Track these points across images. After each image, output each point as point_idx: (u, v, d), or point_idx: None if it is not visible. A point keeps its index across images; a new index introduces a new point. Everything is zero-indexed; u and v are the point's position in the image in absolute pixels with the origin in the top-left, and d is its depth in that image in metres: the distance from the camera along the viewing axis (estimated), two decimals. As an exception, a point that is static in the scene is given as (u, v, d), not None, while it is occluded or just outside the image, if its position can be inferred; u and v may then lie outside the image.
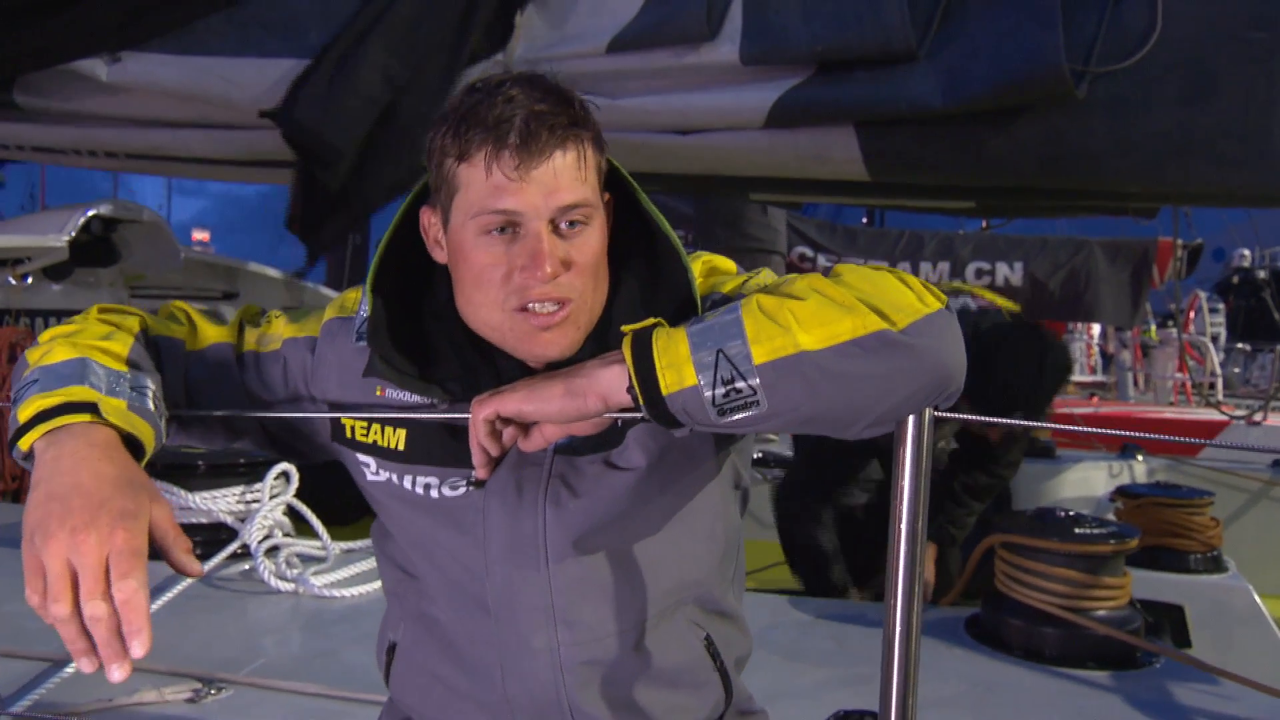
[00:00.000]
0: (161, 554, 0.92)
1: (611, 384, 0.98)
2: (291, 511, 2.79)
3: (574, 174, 1.01)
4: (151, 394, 1.06)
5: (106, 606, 0.84)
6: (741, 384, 0.92)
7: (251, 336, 1.22)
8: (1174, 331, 8.87)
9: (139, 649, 0.84)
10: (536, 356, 1.05)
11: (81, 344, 1.06)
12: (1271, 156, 2.86)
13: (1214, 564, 3.05)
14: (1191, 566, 3.01)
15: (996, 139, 2.99)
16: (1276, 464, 5.07)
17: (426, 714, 1.24)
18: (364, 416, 1.16)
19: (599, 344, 1.08)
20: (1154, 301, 9.17)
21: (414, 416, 1.14)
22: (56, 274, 5.01)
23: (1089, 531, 2.09)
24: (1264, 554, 4.27)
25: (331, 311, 1.20)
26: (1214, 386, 8.74)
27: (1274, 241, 14.16)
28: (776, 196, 4.52)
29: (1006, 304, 3.77)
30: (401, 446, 1.15)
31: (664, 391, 0.94)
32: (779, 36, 3.01)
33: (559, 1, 3.22)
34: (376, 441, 1.16)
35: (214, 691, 1.87)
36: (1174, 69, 2.89)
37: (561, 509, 1.10)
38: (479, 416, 1.02)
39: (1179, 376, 9.02)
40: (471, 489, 1.12)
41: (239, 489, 2.72)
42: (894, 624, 1.01)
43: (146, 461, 1.02)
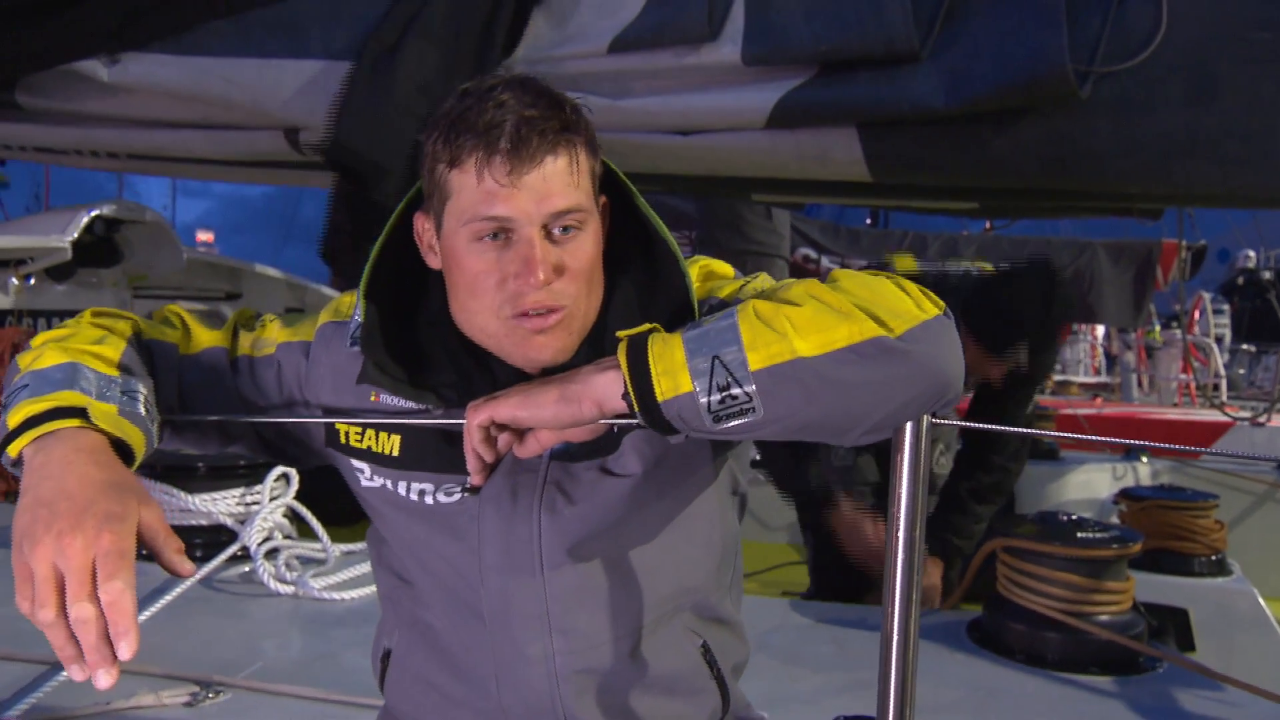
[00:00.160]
0: (153, 555, 0.91)
1: (607, 390, 0.97)
2: (292, 513, 2.79)
3: (566, 179, 1.00)
4: (143, 399, 1.05)
5: (93, 609, 0.83)
6: (737, 390, 0.91)
7: (246, 341, 1.21)
8: (1178, 333, 8.84)
9: (126, 651, 0.83)
10: (530, 360, 1.04)
11: (73, 348, 1.05)
12: (1277, 157, 2.85)
13: (1218, 567, 3.03)
14: (1196, 570, 2.99)
15: (1000, 140, 2.98)
16: None
17: (421, 722, 1.24)
18: (358, 422, 1.15)
19: (595, 349, 1.07)
20: (1158, 303, 9.15)
21: (409, 422, 1.13)
22: (59, 274, 5.01)
23: (1091, 535, 2.08)
24: (1269, 557, 4.25)
25: (326, 316, 1.19)
26: (1218, 388, 8.72)
27: (1278, 243, 14.13)
28: (778, 197, 4.50)
29: None
30: (396, 452, 1.14)
31: (659, 398, 0.93)
32: (781, 37, 3.00)
33: (560, 2, 3.22)
34: (371, 447, 1.15)
35: (212, 695, 1.86)
36: (1179, 69, 2.87)
37: (557, 516, 1.09)
38: (473, 422, 1.01)
39: (1183, 378, 8.99)
40: (466, 495, 1.11)
41: (239, 491, 2.72)
42: (891, 629, 1.00)
43: (137, 466, 1.02)
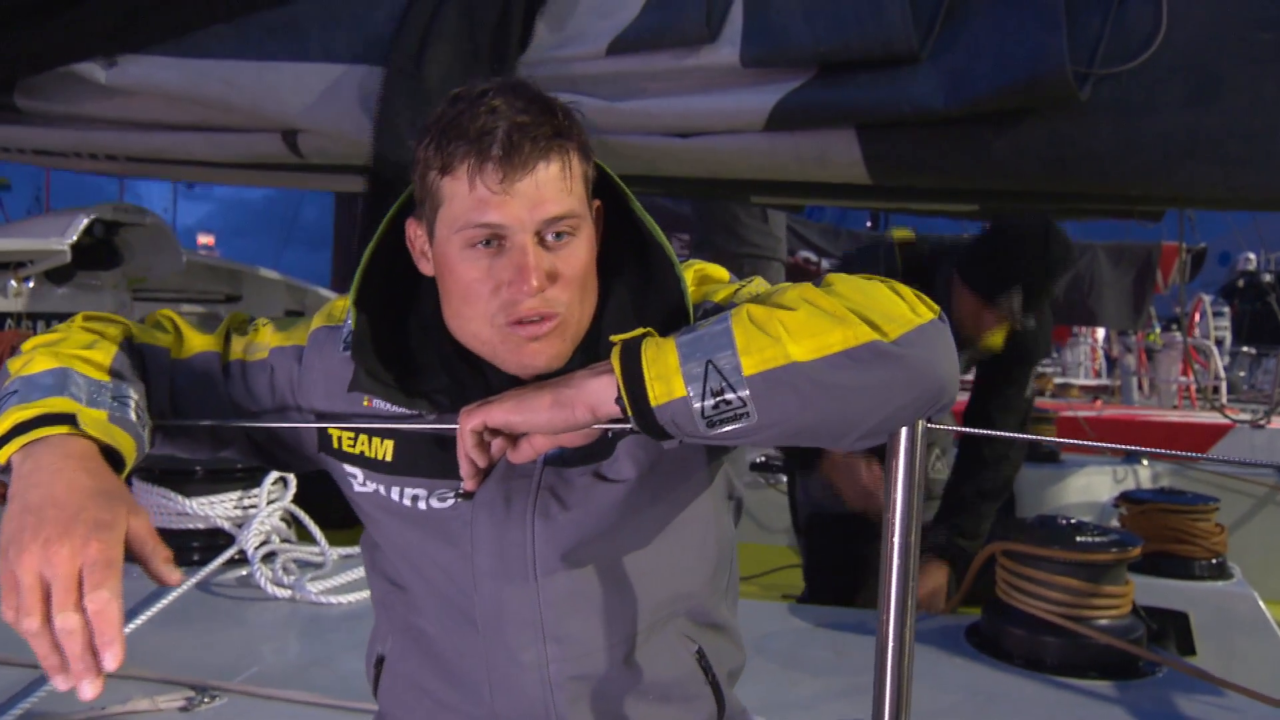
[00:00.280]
0: (140, 564, 0.91)
1: (600, 395, 0.96)
2: (290, 517, 2.78)
3: (559, 185, 0.99)
4: (134, 404, 1.05)
5: (78, 618, 0.82)
6: (731, 395, 0.91)
7: (238, 345, 1.20)
8: (1178, 335, 8.83)
9: (111, 662, 0.82)
10: (525, 367, 1.03)
11: (63, 353, 1.04)
12: (1278, 159, 2.84)
13: (1219, 570, 3.02)
14: (1196, 573, 2.98)
15: (999, 141, 2.97)
16: None
17: (414, 728, 1.23)
18: (351, 427, 1.14)
19: (589, 354, 1.07)
20: (1159, 305, 9.13)
21: (402, 427, 1.12)
22: (59, 277, 5.00)
23: (1090, 539, 2.07)
24: (1270, 560, 4.23)
25: (319, 320, 1.18)
26: (1218, 390, 8.70)
27: (1279, 245, 14.12)
28: (777, 199, 4.49)
29: None
30: (389, 458, 1.13)
31: (653, 403, 0.93)
32: (780, 38, 2.99)
33: (558, 4, 3.21)
34: (364, 452, 1.14)
35: (207, 700, 1.85)
36: (1179, 70, 2.86)
37: (550, 521, 1.08)
38: (466, 427, 1.01)
39: (1183, 380, 8.98)
40: (460, 501, 1.11)
41: (236, 494, 2.71)
42: (887, 635, 0.99)
43: (128, 473, 1.01)
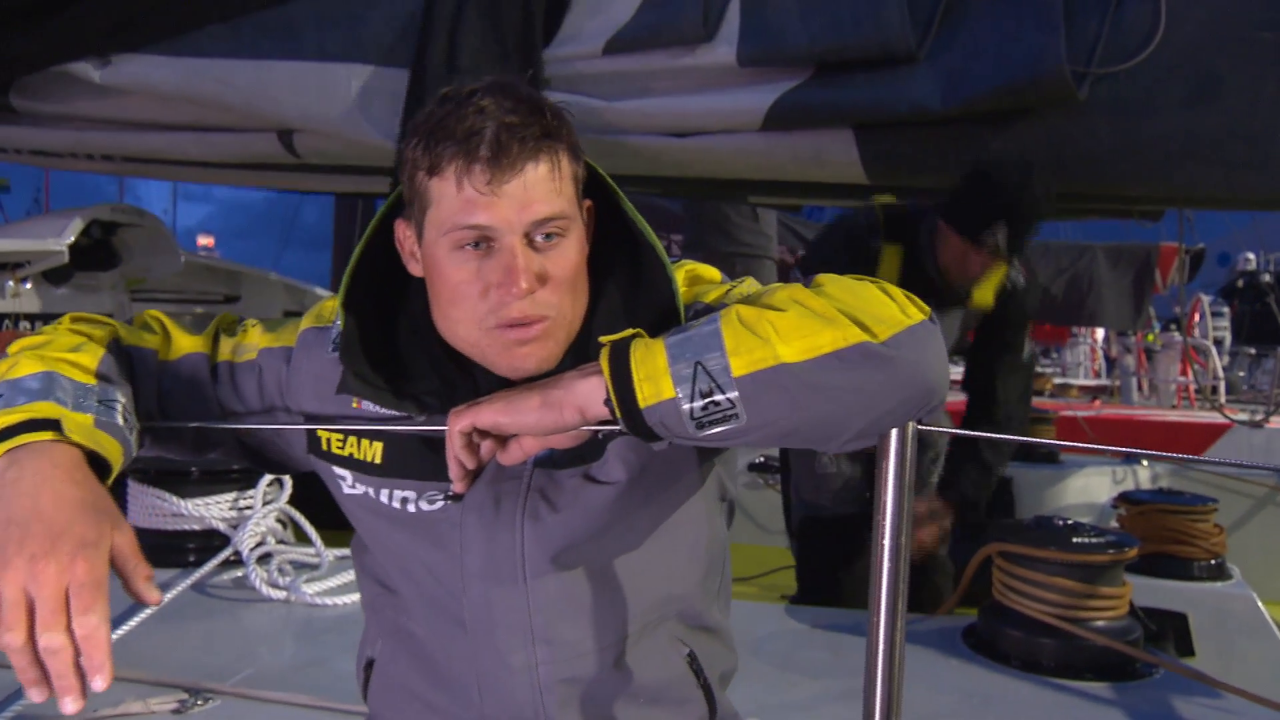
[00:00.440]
0: (121, 581, 0.90)
1: (589, 396, 0.96)
2: (287, 518, 2.77)
3: (548, 186, 0.98)
4: (121, 408, 1.04)
5: (64, 639, 0.81)
6: (720, 397, 0.90)
7: (227, 346, 1.19)
8: (1177, 335, 8.81)
9: (100, 684, 0.82)
10: (515, 370, 1.03)
11: (49, 356, 1.03)
12: (1277, 159, 2.83)
13: (1218, 571, 3.01)
14: (1195, 574, 2.97)
15: (997, 142, 2.96)
16: None
17: (404, 731, 1.22)
18: (340, 429, 1.14)
19: (579, 355, 1.06)
20: (1159, 306, 9.13)
21: (391, 429, 1.11)
22: (57, 278, 5.00)
23: (1087, 540, 2.06)
24: (1270, 561, 4.22)
25: (308, 321, 1.17)
26: (1216, 390, 8.69)
27: (1278, 246, 14.10)
28: (774, 200, 4.49)
29: None
30: (378, 460, 1.12)
31: (641, 404, 0.92)
32: (777, 38, 2.98)
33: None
34: (353, 454, 1.13)
35: (200, 702, 1.85)
36: (1178, 70, 2.86)
37: (540, 524, 1.08)
38: (455, 429, 1.00)
39: (1182, 380, 8.96)
40: (449, 503, 1.10)
41: (232, 495, 2.70)
42: (877, 639, 0.98)
43: (114, 478, 1.00)
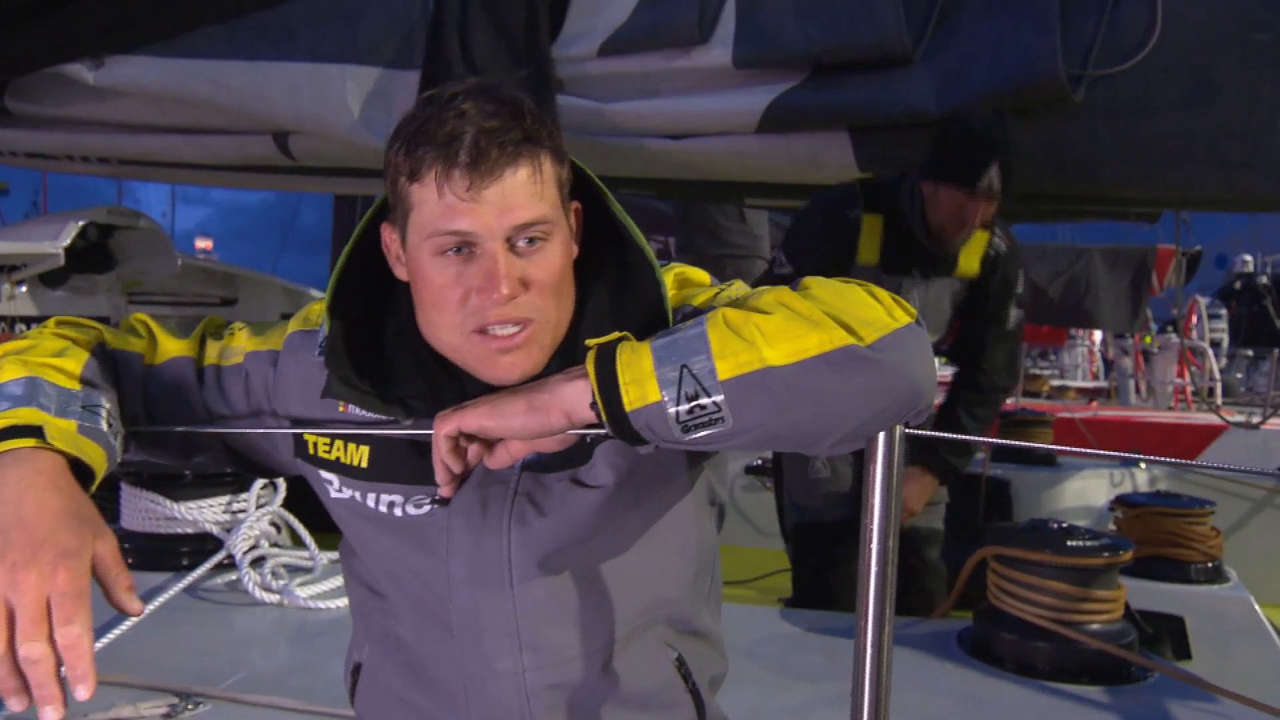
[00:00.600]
0: (102, 590, 0.89)
1: (575, 399, 0.95)
2: (282, 520, 2.76)
3: (529, 190, 0.97)
4: (105, 413, 1.03)
5: (45, 648, 0.81)
6: (706, 400, 0.89)
7: (213, 350, 1.19)
8: (1173, 337, 8.80)
9: (84, 694, 0.81)
10: (498, 380, 1.02)
11: (32, 361, 1.02)
12: (1275, 160, 2.82)
13: (1215, 574, 3.00)
14: (1192, 577, 2.96)
15: (994, 144, 2.94)
16: None
17: (391, 736, 1.21)
18: (326, 433, 1.13)
19: (567, 358, 1.05)
20: (1157, 308, 9.11)
21: (377, 433, 1.10)
22: (53, 281, 4.99)
23: (1081, 544, 2.05)
24: (1267, 564, 4.22)
25: (295, 325, 1.17)
26: (1213, 391, 8.68)
27: (1275, 248, 14.08)
28: (770, 202, 4.48)
29: None
30: (365, 464, 1.11)
31: (627, 408, 0.91)
32: (772, 40, 2.98)
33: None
34: (340, 458, 1.13)
35: (191, 706, 1.84)
36: (1174, 72, 2.86)
37: (526, 528, 1.07)
38: (441, 433, 0.99)
39: (1179, 381, 8.95)
40: (436, 507, 1.09)
41: (225, 498, 2.69)
42: (865, 643, 0.97)
43: (98, 484, 0.99)
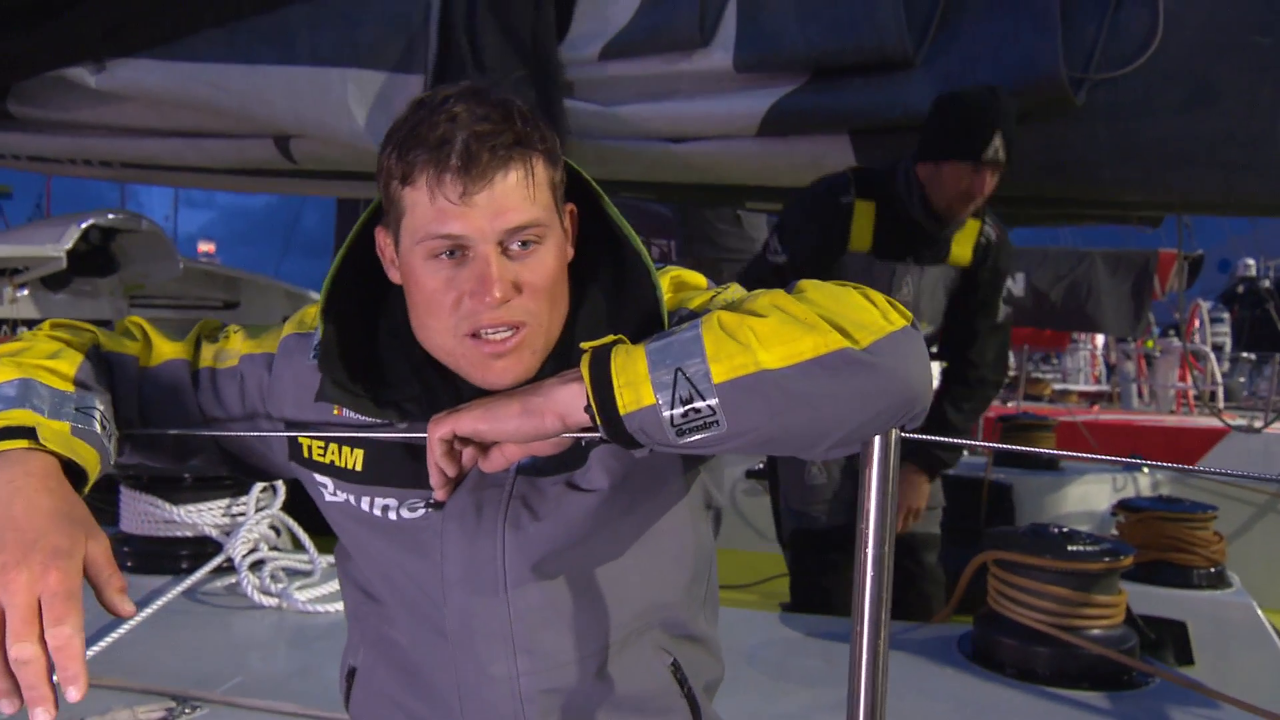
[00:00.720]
0: (94, 591, 0.88)
1: (569, 402, 0.94)
2: (281, 524, 2.76)
3: (521, 194, 0.97)
4: (99, 415, 1.02)
5: (35, 649, 0.80)
6: (700, 404, 0.89)
7: (208, 353, 1.18)
8: (1175, 341, 8.79)
9: (75, 695, 0.80)
10: (491, 384, 1.01)
11: (26, 363, 1.02)
12: (1276, 164, 2.82)
13: (1217, 579, 2.99)
14: (1194, 582, 2.95)
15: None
16: None
17: (386, 741, 1.21)
18: (321, 436, 1.12)
19: (562, 361, 1.04)
20: (1159, 312, 9.10)
21: (372, 436, 1.10)
22: (55, 284, 4.99)
23: (1082, 548, 2.04)
24: (1270, 569, 4.20)
25: (290, 328, 1.16)
26: (1215, 395, 8.66)
27: (1278, 253, 14.06)
28: (771, 205, 4.48)
29: None
30: (359, 467, 1.11)
31: (621, 411, 0.91)
32: (773, 43, 2.98)
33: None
34: (334, 461, 1.12)
35: (188, 710, 1.83)
36: (1175, 75, 2.85)
37: (521, 532, 1.06)
38: (435, 436, 0.99)
39: (1181, 385, 8.93)
40: (430, 511, 1.09)
41: (225, 502, 2.69)
42: (861, 648, 0.96)
43: (91, 486, 0.99)
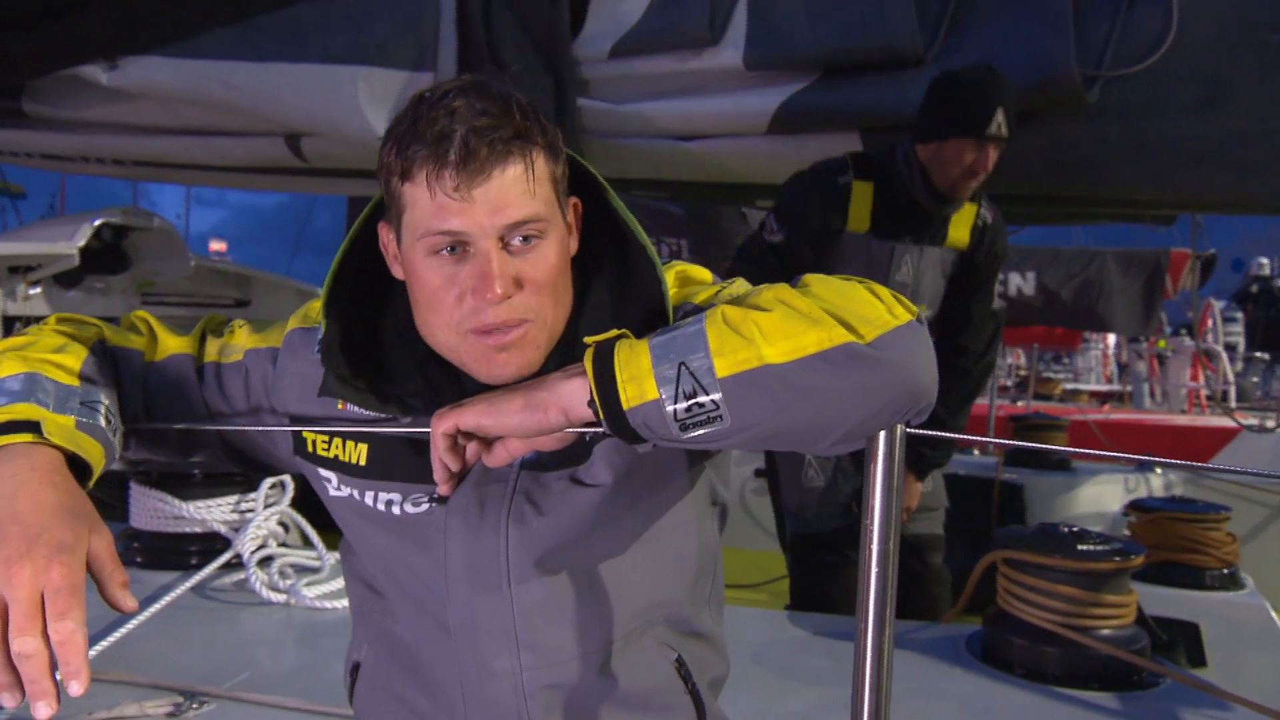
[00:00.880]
0: (97, 586, 0.88)
1: (573, 397, 0.94)
2: (290, 520, 2.76)
3: (521, 188, 0.96)
4: (104, 410, 1.03)
5: (37, 643, 0.80)
6: (704, 398, 0.88)
7: (213, 347, 1.18)
8: (1188, 340, 8.74)
9: (77, 689, 0.80)
10: (494, 378, 1.01)
11: (32, 358, 1.02)
12: (1290, 163, 2.80)
13: (1230, 580, 2.96)
14: (1207, 583, 2.92)
15: (1006, 145, 2.93)
16: None
17: (389, 736, 1.20)
18: (325, 430, 1.12)
19: (566, 356, 1.04)
20: (1172, 311, 9.05)
21: (375, 430, 1.10)
22: (68, 281, 5.02)
23: (1092, 548, 2.02)
24: None
25: (294, 322, 1.16)
26: (1227, 395, 8.60)
27: (1291, 252, 13.98)
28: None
29: None
30: (363, 461, 1.11)
31: (625, 406, 0.90)
32: (783, 41, 2.98)
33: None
34: (338, 456, 1.12)
35: (195, 705, 1.83)
36: (1189, 73, 2.83)
37: (524, 527, 1.06)
38: (438, 430, 0.98)
39: (1193, 385, 8.88)
40: (434, 506, 1.09)
41: (234, 498, 2.70)
42: (865, 646, 0.95)
43: (95, 480, 0.99)
